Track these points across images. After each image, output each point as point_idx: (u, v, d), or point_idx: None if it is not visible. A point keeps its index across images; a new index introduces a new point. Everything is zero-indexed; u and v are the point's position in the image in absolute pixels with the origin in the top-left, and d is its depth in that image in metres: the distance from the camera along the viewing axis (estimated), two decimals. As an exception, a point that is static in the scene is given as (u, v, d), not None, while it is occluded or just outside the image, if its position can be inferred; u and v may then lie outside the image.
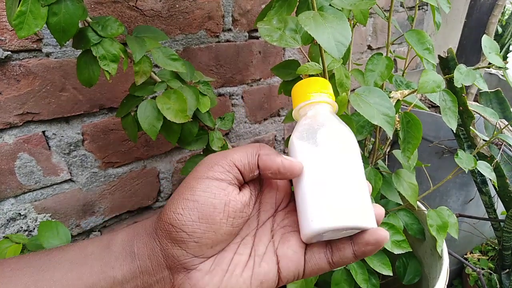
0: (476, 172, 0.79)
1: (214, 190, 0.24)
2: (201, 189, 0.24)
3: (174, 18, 0.70)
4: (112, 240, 0.25)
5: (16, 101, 0.57)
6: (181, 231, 0.24)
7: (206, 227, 0.24)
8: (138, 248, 0.25)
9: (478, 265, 1.04)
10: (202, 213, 0.24)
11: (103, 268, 0.24)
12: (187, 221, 0.24)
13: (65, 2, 0.39)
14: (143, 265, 0.24)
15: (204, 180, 0.25)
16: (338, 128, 0.29)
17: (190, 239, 0.24)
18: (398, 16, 1.23)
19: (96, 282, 0.24)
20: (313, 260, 0.27)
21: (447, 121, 0.52)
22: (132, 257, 0.24)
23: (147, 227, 0.25)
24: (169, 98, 0.50)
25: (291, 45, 0.39)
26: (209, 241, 0.25)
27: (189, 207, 0.24)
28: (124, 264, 0.24)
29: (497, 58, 0.53)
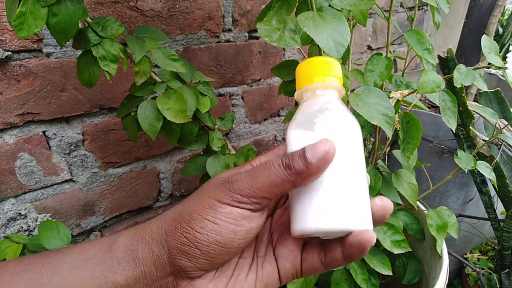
0: (475, 172, 0.79)
1: (237, 217, 0.24)
2: (223, 214, 0.23)
3: (174, 18, 0.70)
4: (114, 243, 0.25)
5: (16, 101, 0.57)
6: (195, 248, 0.23)
7: (221, 250, 0.24)
8: (143, 253, 0.24)
9: (478, 265, 1.04)
10: (221, 238, 0.23)
11: (105, 272, 0.23)
12: (203, 241, 0.23)
13: (65, 2, 0.39)
14: (147, 270, 0.24)
15: (226, 206, 0.24)
16: (342, 118, 0.26)
17: (202, 257, 0.23)
18: (398, 16, 1.23)
19: (97, 286, 0.23)
20: (308, 259, 0.26)
21: (446, 121, 0.52)
22: (136, 262, 0.24)
23: (153, 232, 0.25)
24: (169, 98, 0.50)
25: (291, 46, 0.40)
26: (220, 260, 0.24)
27: (209, 228, 0.23)
28: (127, 270, 0.24)
29: (496, 58, 0.53)
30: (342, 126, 0.26)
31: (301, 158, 0.23)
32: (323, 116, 0.26)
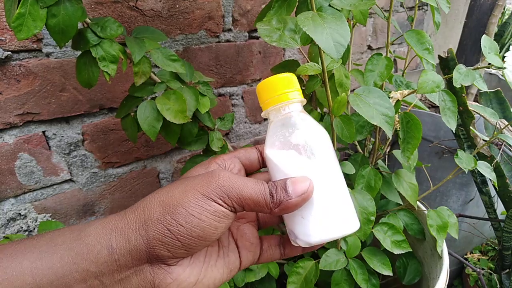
0: (476, 172, 0.79)
1: (221, 215, 0.25)
2: (208, 211, 0.24)
3: (174, 18, 0.70)
4: (84, 231, 0.25)
5: (16, 101, 0.57)
6: (177, 241, 0.24)
7: (201, 242, 0.25)
8: (117, 242, 0.24)
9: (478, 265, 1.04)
10: (203, 233, 0.24)
11: (75, 259, 0.23)
12: (186, 235, 0.24)
13: (64, 3, 0.39)
14: (122, 259, 0.24)
15: (213, 203, 0.25)
16: (314, 130, 0.28)
17: (182, 247, 0.24)
18: (398, 16, 1.23)
19: (67, 273, 0.23)
20: (269, 251, 0.30)
21: (446, 121, 0.52)
22: (110, 251, 0.24)
23: (130, 221, 0.25)
24: (168, 99, 0.50)
25: (290, 46, 0.39)
26: (197, 250, 0.26)
27: (194, 224, 0.24)
28: (99, 257, 0.24)
29: (496, 58, 0.53)
30: (313, 137, 0.28)
31: (283, 190, 0.25)
32: (294, 132, 0.28)
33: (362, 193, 0.55)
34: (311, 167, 0.27)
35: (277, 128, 0.28)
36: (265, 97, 0.29)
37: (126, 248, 0.24)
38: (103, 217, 0.26)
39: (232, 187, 0.25)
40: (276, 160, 0.28)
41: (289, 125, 0.28)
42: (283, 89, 0.28)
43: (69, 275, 0.23)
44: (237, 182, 0.25)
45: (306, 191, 0.25)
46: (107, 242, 0.24)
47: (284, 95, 0.28)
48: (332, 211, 0.27)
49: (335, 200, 0.27)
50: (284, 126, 0.28)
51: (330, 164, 0.28)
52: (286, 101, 0.28)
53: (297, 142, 0.27)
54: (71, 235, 0.25)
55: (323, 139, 0.28)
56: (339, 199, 0.27)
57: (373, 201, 0.54)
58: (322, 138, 0.28)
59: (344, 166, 0.58)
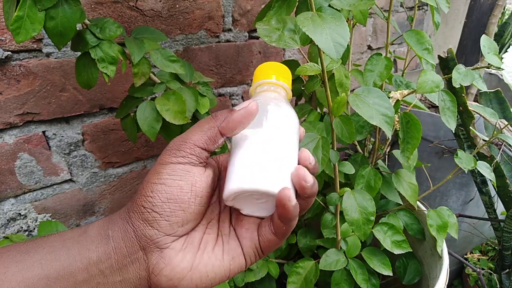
0: (476, 172, 0.79)
1: (180, 173, 0.26)
2: (167, 173, 0.26)
3: (174, 18, 0.70)
4: (89, 226, 0.27)
5: (16, 101, 0.57)
6: (152, 211, 0.25)
7: (175, 206, 0.26)
8: (112, 231, 0.26)
9: (478, 265, 1.04)
10: (170, 194, 0.26)
11: (79, 250, 0.25)
12: (157, 202, 0.25)
13: (62, 6, 0.39)
14: (117, 246, 0.25)
15: (169, 165, 0.26)
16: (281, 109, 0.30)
17: (161, 218, 0.25)
18: (398, 16, 1.23)
19: (72, 263, 0.25)
20: (263, 234, 0.29)
21: (446, 121, 0.52)
22: (107, 239, 0.26)
23: (121, 213, 0.27)
24: (168, 100, 0.50)
25: (290, 46, 0.39)
26: (179, 219, 0.26)
27: (158, 190, 0.26)
28: (99, 246, 0.25)
29: (495, 59, 0.53)
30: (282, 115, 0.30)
31: (228, 109, 0.28)
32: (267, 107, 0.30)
33: (362, 193, 0.55)
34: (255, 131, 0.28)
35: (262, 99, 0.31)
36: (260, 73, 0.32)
37: (119, 236, 0.26)
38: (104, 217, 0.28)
39: (177, 141, 0.27)
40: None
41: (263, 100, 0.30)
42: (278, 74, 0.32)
43: (73, 264, 0.25)
44: (180, 136, 0.27)
45: (248, 105, 0.27)
46: (105, 232, 0.26)
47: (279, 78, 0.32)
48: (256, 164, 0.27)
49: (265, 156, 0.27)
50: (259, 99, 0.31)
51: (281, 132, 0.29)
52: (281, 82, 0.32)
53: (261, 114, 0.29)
54: (78, 231, 0.27)
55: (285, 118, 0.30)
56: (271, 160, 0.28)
57: (373, 201, 0.54)
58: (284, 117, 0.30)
59: (344, 166, 0.58)
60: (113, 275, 0.25)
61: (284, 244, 0.71)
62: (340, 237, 0.60)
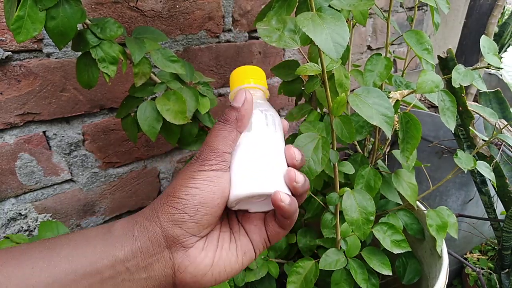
0: (475, 172, 0.79)
1: (213, 179, 0.28)
2: (201, 178, 0.28)
3: (175, 19, 0.70)
4: (112, 226, 0.28)
5: (16, 101, 0.58)
6: (184, 213, 0.27)
7: (206, 210, 0.28)
8: (138, 232, 0.27)
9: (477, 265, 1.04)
10: (203, 199, 0.27)
11: (105, 248, 0.26)
12: (190, 205, 0.27)
13: (63, 5, 0.39)
14: (143, 246, 0.27)
15: (203, 172, 0.28)
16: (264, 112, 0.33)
17: (191, 220, 0.27)
18: (397, 16, 1.23)
19: (98, 260, 0.26)
20: (270, 228, 0.32)
21: (445, 121, 0.53)
22: (133, 239, 0.27)
23: (146, 214, 0.28)
24: (168, 100, 0.50)
25: (290, 46, 0.40)
26: (206, 222, 0.28)
27: (192, 193, 0.27)
28: (125, 245, 0.27)
29: (495, 59, 0.53)
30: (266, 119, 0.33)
31: (231, 109, 0.30)
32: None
33: (362, 193, 0.55)
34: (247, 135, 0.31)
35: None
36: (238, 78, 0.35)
37: (146, 236, 0.27)
38: (127, 216, 0.29)
39: (205, 152, 0.29)
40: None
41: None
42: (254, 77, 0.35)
43: (100, 261, 0.26)
44: (204, 147, 0.30)
45: (245, 96, 0.30)
46: (131, 233, 0.27)
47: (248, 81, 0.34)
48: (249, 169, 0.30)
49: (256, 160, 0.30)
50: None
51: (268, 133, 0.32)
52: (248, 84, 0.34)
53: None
54: (102, 230, 0.28)
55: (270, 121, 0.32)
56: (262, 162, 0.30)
57: (372, 201, 0.55)
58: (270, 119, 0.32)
59: (344, 166, 0.58)
60: (139, 273, 0.27)
61: (284, 244, 0.71)
62: (340, 237, 0.60)
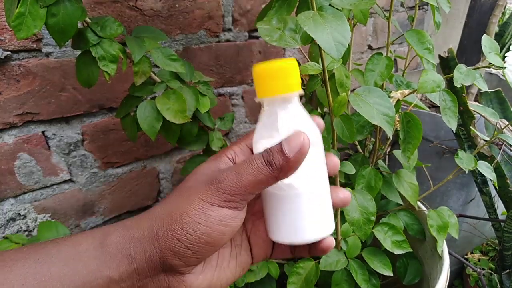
0: (476, 172, 0.79)
1: (226, 218, 0.25)
2: (214, 217, 0.25)
3: (174, 18, 0.70)
4: (106, 240, 0.26)
5: (15, 101, 0.57)
6: (187, 249, 0.25)
7: (210, 248, 0.25)
8: (135, 251, 0.25)
9: (478, 266, 1.04)
10: (211, 239, 0.25)
11: (99, 267, 0.25)
12: (195, 243, 0.25)
13: (63, 3, 0.39)
14: (140, 268, 0.25)
15: (218, 208, 0.25)
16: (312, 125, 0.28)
17: (193, 256, 0.25)
18: (398, 16, 1.23)
19: (92, 280, 0.24)
20: (280, 249, 0.30)
21: (447, 121, 0.52)
22: (129, 260, 0.25)
23: (144, 231, 0.25)
24: (168, 99, 0.50)
25: (291, 45, 0.39)
26: (208, 255, 0.26)
27: (200, 231, 0.25)
28: (120, 265, 0.25)
29: (496, 58, 0.53)
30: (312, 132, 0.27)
31: (280, 153, 0.25)
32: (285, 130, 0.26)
33: (363, 193, 0.55)
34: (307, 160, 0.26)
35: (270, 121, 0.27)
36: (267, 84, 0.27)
37: (143, 258, 0.25)
38: (122, 223, 0.27)
39: (230, 184, 0.25)
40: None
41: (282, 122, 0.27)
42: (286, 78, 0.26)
43: (94, 281, 0.24)
44: (232, 175, 0.25)
45: (302, 143, 0.24)
46: (127, 252, 0.25)
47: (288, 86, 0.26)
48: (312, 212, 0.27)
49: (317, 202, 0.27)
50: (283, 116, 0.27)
51: (320, 162, 0.28)
52: (290, 92, 0.27)
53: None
54: (93, 243, 0.26)
55: (319, 137, 0.28)
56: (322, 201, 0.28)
57: (373, 201, 0.54)
58: (318, 135, 0.28)
59: (344, 166, 0.58)
60: None
61: (284, 244, 0.71)
62: (340, 237, 0.60)
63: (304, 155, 0.25)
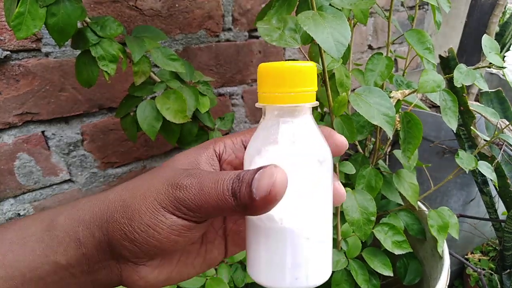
0: (477, 172, 0.79)
1: (180, 229, 0.22)
2: (166, 225, 0.22)
3: (174, 18, 0.70)
4: (53, 222, 0.24)
5: (15, 101, 0.57)
6: (134, 246, 0.22)
7: (162, 252, 0.23)
8: (84, 236, 0.23)
9: (479, 266, 1.03)
10: (161, 244, 0.22)
11: (45, 251, 0.23)
12: (142, 243, 0.22)
13: (63, 2, 0.39)
14: (89, 253, 0.23)
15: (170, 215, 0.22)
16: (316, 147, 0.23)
17: (141, 253, 0.23)
18: (398, 15, 1.23)
19: (38, 266, 0.23)
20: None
21: (447, 121, 0.52)
22: (77, 244, 0.23)
23: (95, 215, 0.23)
24: (168, 98, 0.50)
25: (291, 45, 0.39)
26: (161, 256, 0.24)
27: (149, 234, 0.22)
28: (68, 250, 0.23)
29: (497, 58, 0.53)
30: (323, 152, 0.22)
31: (247, 188, 0.20)
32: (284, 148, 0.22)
33: (363, 193, 0.55)
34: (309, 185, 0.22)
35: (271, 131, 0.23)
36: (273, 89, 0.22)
37: (92, 243, 0.23)
38: (72, 204, 0.25)
39: (189, 197, 0.21)
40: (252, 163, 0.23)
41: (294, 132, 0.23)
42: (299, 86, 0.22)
43: (40, 267, 0.23)
44: (193, 188, 0.21)
45: (272, 185, 0.19)
46: (75, 235, 0.23)
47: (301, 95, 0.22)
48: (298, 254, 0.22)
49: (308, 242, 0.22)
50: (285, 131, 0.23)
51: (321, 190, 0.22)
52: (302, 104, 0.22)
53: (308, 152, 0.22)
54: (41, 225, 0.24)
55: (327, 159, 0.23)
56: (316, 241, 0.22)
57: (373, 201, 0.54)
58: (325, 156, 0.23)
59: (345, 166, 0.58)
60: (84, 276, 0.24)
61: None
62: (340, 237, 0.60)
63: (273, 200, 0.20)
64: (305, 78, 0.22)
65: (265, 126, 0.23)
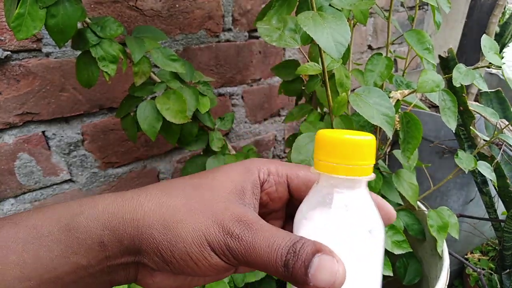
0: (476, 172, 0.79)
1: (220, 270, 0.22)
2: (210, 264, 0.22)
3: (174, 18, 0.70)
4: (73, 222, 0.23)
5: (16, 101, 0.57)
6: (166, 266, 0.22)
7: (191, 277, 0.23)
8: (109, 241, 0.23)
9: (478, 266, 1.04)
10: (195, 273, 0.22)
11: (64, 253, 0.22)
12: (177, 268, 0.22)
13: (63, 3, 0.39)
14: (112, 255, 0.23)
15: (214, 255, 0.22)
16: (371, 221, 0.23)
17: (169, 271, 0.23)
18: (398, 15, 1.23)
19: (57, 267, 0.22)
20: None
21: (446, 121, 0.52)
22: (101, 247, 0.23)
23: (125, 223, 0.23)
24: (168, 99, 0.50)
25: (291, 45, 0.39)
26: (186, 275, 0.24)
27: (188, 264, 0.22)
28: (89, 252, 0.22)
29: (496, 58, 0.53)
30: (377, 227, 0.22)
31: (302, 269, 0.19)
32: (337, 221, 0.22)
33: (363, 193, 0.55)
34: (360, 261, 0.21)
35: (329, 199, 0.23)
36: (331, 159, 0.22)
37: (118, 248, 0.23)
38: (93, 202, 0.24)
39: (239, 249, 0.21)
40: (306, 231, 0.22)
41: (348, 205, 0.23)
42: (359, 159, 0.22)
43: (59, 268, 0.22)
44: (246, 241, 0.21)
45: (333, 281, 0.19)
46: (98, 238, 0.22)
47: (359, 168, 0.22)
48: None
49: None
50: (340, 203, 0.23)
51: (370, 265, 0.22)
52: (360, 177, 0.22)
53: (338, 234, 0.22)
54: (57, 225, 0.23)
55: (381, 232, 0.22)
56: None
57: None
58: (379, 230, 0.22)
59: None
60: (103, 276, 0.24)
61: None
62: (340, 237, 0.60)
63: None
64: (364, 151, 0.22)
65: (319, 193, 0.23)
